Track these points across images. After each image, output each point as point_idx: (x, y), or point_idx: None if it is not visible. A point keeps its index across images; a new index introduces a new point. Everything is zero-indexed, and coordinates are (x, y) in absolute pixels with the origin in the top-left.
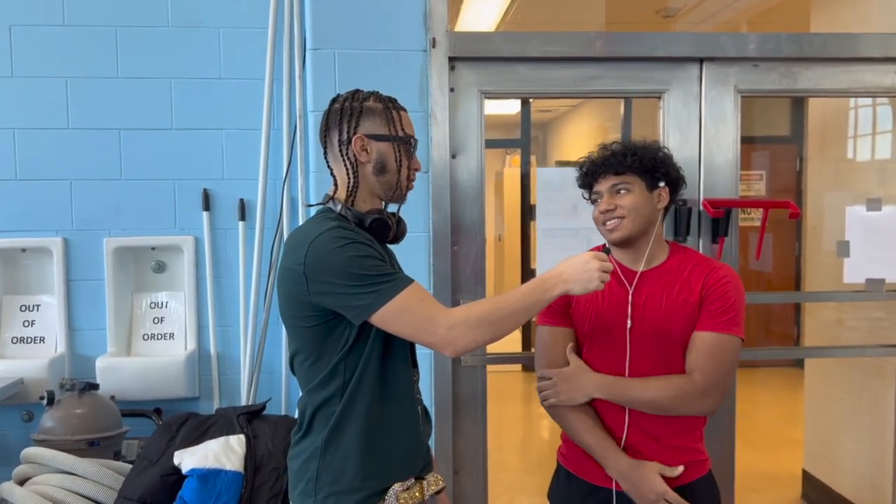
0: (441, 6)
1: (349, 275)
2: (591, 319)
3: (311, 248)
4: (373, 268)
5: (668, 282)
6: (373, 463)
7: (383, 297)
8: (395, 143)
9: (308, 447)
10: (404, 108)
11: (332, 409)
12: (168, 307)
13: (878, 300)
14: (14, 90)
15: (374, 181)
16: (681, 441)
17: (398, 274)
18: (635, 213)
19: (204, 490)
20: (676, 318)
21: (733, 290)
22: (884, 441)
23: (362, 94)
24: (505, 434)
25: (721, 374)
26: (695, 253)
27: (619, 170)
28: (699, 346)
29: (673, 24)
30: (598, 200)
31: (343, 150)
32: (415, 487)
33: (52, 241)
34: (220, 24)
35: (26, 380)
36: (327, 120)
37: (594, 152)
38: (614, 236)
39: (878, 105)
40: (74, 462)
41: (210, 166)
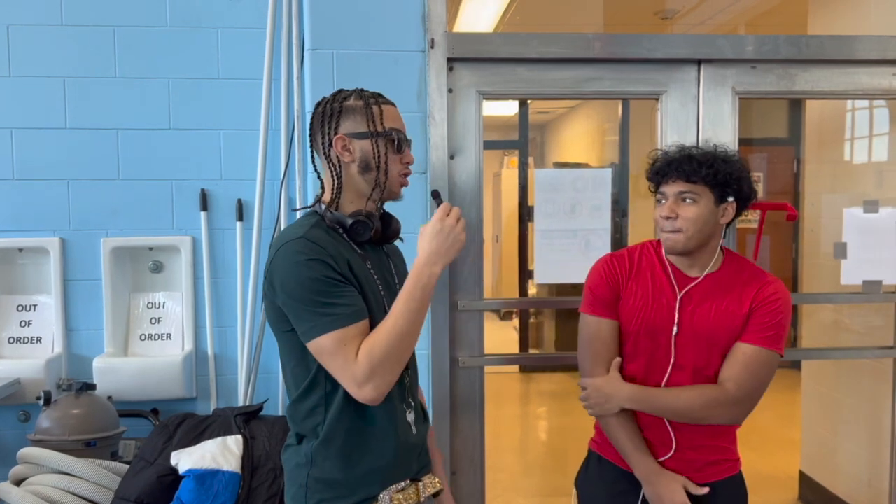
0: (439, 7)
1: (299, 296)
2: (638, 318)
3: (277, 256)
4: (321, 293)
5: (719, 291)
6: (363, 468)
7: (315, 331)
8: (376, 138)
9: (298, 454)
10: (390, 102)
11: (318, 419)
12: (165, 307)
13: (875, 302)
14: (12, 90)
15: (360, 180)
16: (714, 441)
17: (338, 308)
18: (696, 228)
19: (201, 491)
20: (723, 329)
21: (783, 306)
22: (880, 442)
23: (344, 93)
24: (503, 435)
25: (755, 386)
26: (748, 263)
27: (692, 178)
28: (739, 357)
29: (671, 26)
30: (662, 202)
31: (326, 152)
32: (409, 489)
33: (49, 240)
34: (219, 25)
35: (23, 380)
36: (312, 124)
37: (671, 149)
38: (670, 246)
39: (875, 107)
40: (71, 462)
41: (208, 166)
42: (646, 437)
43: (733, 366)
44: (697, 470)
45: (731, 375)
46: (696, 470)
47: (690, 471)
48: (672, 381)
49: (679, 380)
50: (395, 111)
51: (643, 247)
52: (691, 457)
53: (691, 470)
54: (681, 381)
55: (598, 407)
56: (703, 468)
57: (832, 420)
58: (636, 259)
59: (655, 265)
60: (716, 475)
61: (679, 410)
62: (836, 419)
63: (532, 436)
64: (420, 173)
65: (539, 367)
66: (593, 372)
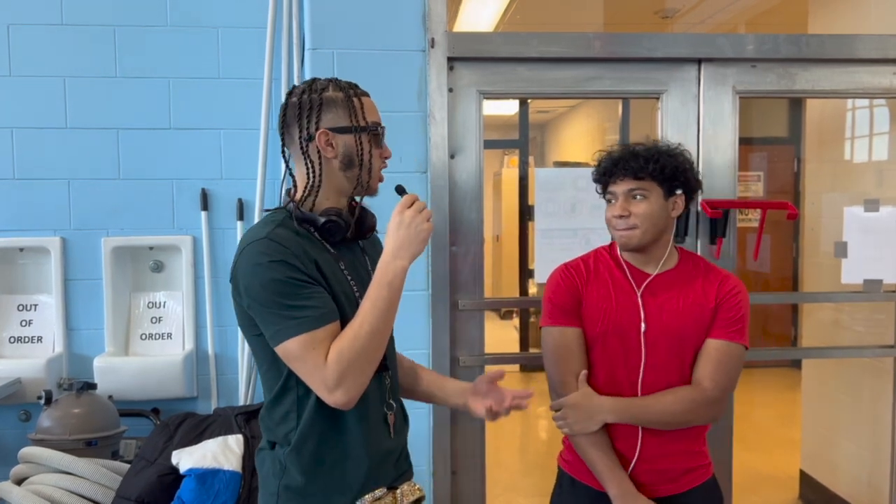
0: (440, 6)
1: (263, 299)
2: (603, 321)
3: (240, 258)
4: (286, 296)
5: (681, 287)
6: (336, 477)
7: (282, 335)
8: (359, 133)
9: (271, 462)
10: (366, 92)
11: (291, 425)
12: (166, 307)
13: (876, 301)
14: (12, 89)
15: (341, 177)
16: (687, 446)
17: (305, 312)
18: (649, 222)
19: (202, 490)
20: (692, 323)
21: (744, 300)
22: (881, 441)
23: (320, 83)
24: (503, 434)
25: (729, 381)
26: (702, 259)
27: (639, 175)
28: (711, 355)
29: (671, 25)
30: (612, 202)
31: (305, 147)
32: (386, 498)
33: (49, 240)
34: (219, 24)
35: (24, 379)
36: (285, 115)
37: (614, 149)
38: (626, 243)
39: (875, 106)
40: (72, 462)
41: (208, 166)
42: (616, 448)
43: (707, 364)
44: (672, 480)
45: (707, 374)
46: (671, 480)
47: (665, 481)
48: (646, 380)
49: (653, 380)
50: (372, 103)
51: (596, 253)
52: (665, 466)
53: (666, 480)
54: (655, 381)
55: (578, 425)
56: (679, 478)
57: (833, 419)
58: (591, 264)
59: (612, 266)
60: (691, 482)
61: (662, 417)
62: (836, 418)
63: (532, 435)
64: (420, 173)
65: (539, 366)
66: (565, 384)
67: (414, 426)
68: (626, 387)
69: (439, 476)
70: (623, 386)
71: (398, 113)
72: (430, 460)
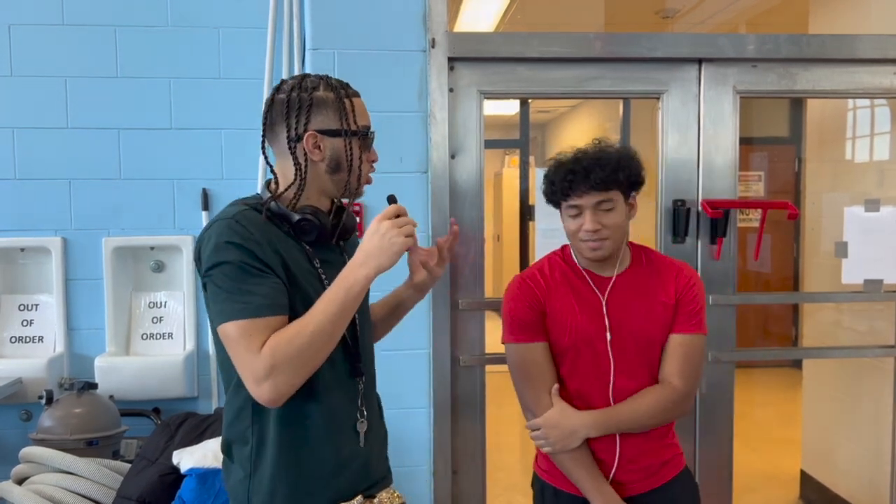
0: (440, 6)
1: (216, 278)
2: (571, 331)
3: (205, 234)
4: (236, 279)
5: (640, 286)
6: (304, 485)
7: (224, 316)
8: (349, 138)
9: (232, 469)
10: (357, 93)
11: (246, 423)
12: (167, 307)
13: (876, 301)
14: (13, 89)
15: (326, 179)
16: (661, 440)
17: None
18: (619, 232)
19: (203, 489)
20: (655, 322)
21: (700, 290)
22: (882, 441)
23: (311, 80)
24: (503, 434)
25: (697, 374)
26: (652, 251)
27: (608, 186)
28: (677, 350)
29: (672, 25)
30: (577, 216)
31: (292, 148)
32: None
33: (50, 240)
34: (220, 24)
35: (25, 379)
36: (271, 111)
37: (565, 157)
38: (597, 255)
39: (876, 106)
40: (73, 461)
41: (209, 166)
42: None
43: (674, 360)
44: (654, 474)
45: (675, 371)
46: (652, 474)
47: (647, 477)
48: (617, 386)
49: (623, 385)
50: (362, 104)
51: (550, 259)
52: (646, 463)
53: (648, 476)
54: (626, 385)
55: (560, 444)
56: (659, 470)
57: (833, 419)
58: (548, 273)
59: (569, 274)
60: (669, 473)
61: (641, 421)
62: (837, 418)
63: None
64: (421, 173)
65: None
66: (539, 402)
67: (414, 425)
68: (598, 396)
69: (440, 475)
70: (594, 395)
71: (399, 113)
72: (430, 459)
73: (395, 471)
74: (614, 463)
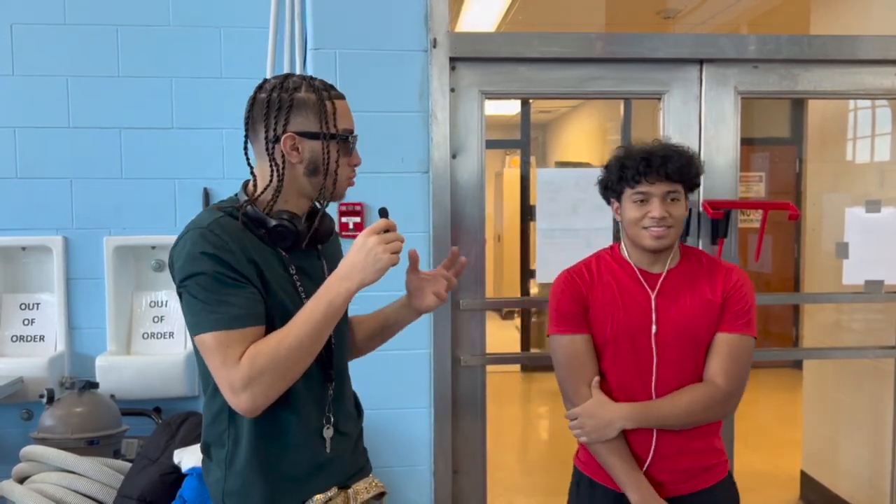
0: (442, 7)
1: (191, 288)
2: (612, 324)
3: (178, 243)
4: (212, 290)
5: (688, 284)
6: (276, 480)
7: (200, 327)
8: (328, 141)
9: (210, 468)
10: (341, 95)
11: (223, 426)
12: (168, 306)
13: (877, 302)
14: (15, 89)
15: (304, 182)
16: (704, 443)
17: (224, 308)
18: (680, 224)
19: (204, 489)
20: (702, 320)
21: (749, 291)
22: (882, 442)
23: (293, 81)
24: (504, 434)
25: (742, 374)
26: (702, 252)
27: (676, 178)
28: (723, 349)
29: (673, 26)
30: (644, 202)
31: (269, 149)
32: (338, 498)
33: (52, 239)
34: (221, 24)
35: (26, 378)
36: (252, 110)
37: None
38: (661, 244)
39: (877, 107)
40: (74, 460)
41: (210, 165)
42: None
43: (720, 359)
44: (692, 478)
45: (720, 369)
46: (691, 478)
47: (685, 479)
48: (660, 381)
49: (667, 380)
50: (346, 106)
51: (598, 256)
52: (684, 465)
53: (686, 478)
54: (667, 381)
55: (596, 433)
56: (698, 475)
57: (833, 420)
58: (594, 268)
59: (615, 269)
60: (710, 480)
61: (679, 419)
62: (837, 419)
63: (533, 435)
64: (422, 173)
65: (540, 366)
66: (578, 392)
67: (414, 425)
68: (639, 389)
69: (440, 475)
70: (635, 389)
71: (400, 113)
72: (431, 459)
73: (395, 470)
74: (648, 458)
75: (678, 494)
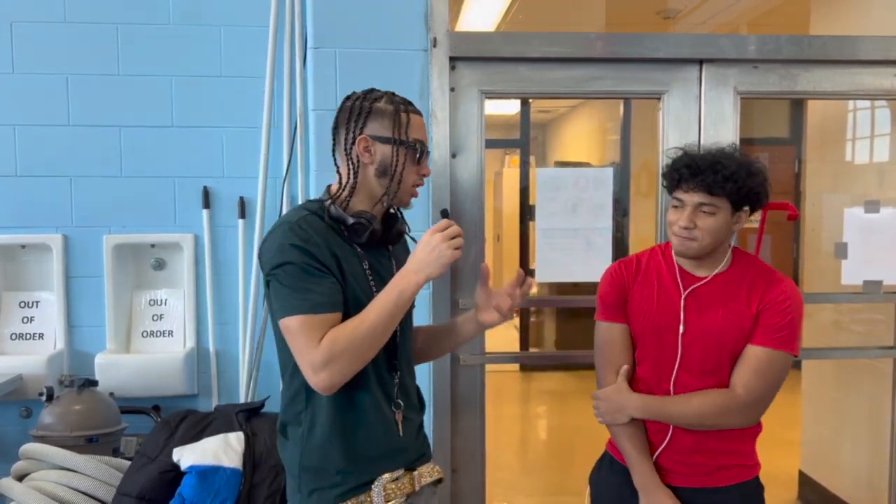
0: (442, 6)
1: (279, 276)
2: (644, 319)
3: (269, 236)
4: (298, 278)
5: (726, 291)
6: (351, 457)
7: (286, 311)
8: (398, 146)
9: (287, 445)
10: (419, 111)
11: (300, 406)
12: (167, 304)
13: (876, 302)
14: (15, 87)
15: (375, 183)
16: (731, 445)
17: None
18: (711, 237)
19: (203, 487)
20: (730, 329)
21: (793, 306)
22: (881, 442)
23: (376, 93)
24: (503, 433)
25: (766, 389)
26: (757, 261)
27: (714, 191)
28: (749, 361)
29: (673, 26)
30: (678, 208)
31: (347, 150)
32: (404, 478)
33: (51, 237)
34: (221, 22)
35: (25, 376)
36: (338, 116)
37: (693, 152)
38: (682, 251)
39: (876, 108)
40: (73, 458)
41: (210, 164)
42: (648, 437)
43: (744, 370)
44: (706, 474)
45: (742, 380)
46: (704, 474)
47: (698, 474)
48: (679, 382)
49: (686, 381)
50: (421, 121)
51: (652, 251)
52: (699, 461)
53: (700, 474)
54: (688, 383)
55: (608, 416)
56: (713, 472)
57: (832, 420)
58: (644, 263)
59: (662, 267)
60: (727, 480)
61: (689, 418)
62: (836, 419)
63: (532, 434)
64: None
65: (539, 365)
66: (605, 377)
67: None
68: (656, 384)
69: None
70: (654, 383)
71: None
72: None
73: None
74: (660, 447)
75: (688, 486)
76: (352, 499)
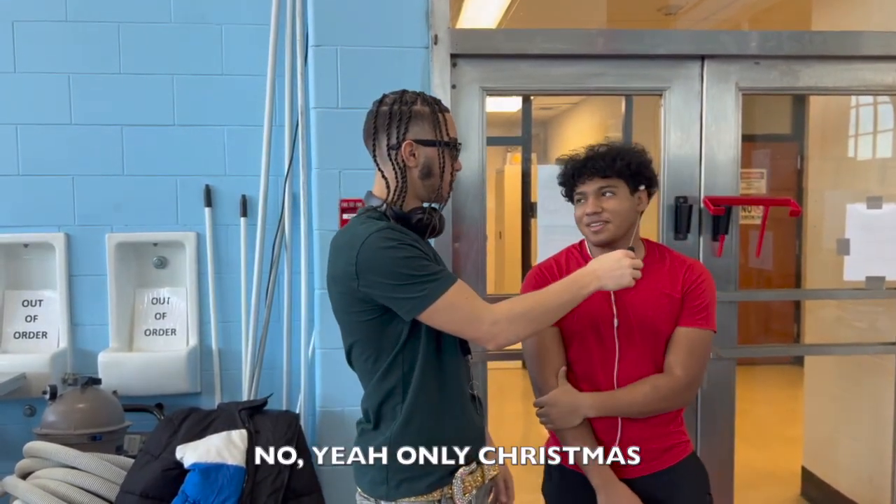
0: (443, 3)
1: (399, 275)
2: (577, 319)
3: (362, 249)
4: (421, 268)
5: (649, 279)
6: (441, 447)
7: (431, 296)
8: (443, 147)
9: (377, 438)
10: (448, 109)
11: (396, 402)
12: (170, 303)
13: (878, 298)
14: (17, 86)
15: (419, 185)
16: (665, 428)
17: (443, 272)
18: (620, 217)
19: (206, 484)
20: (662, 313)
21: (709, 287)
22: (883, 438)
23: (409, 96)
24: (505, 430)
25: (700, 367)
26: (668, 249)
27: (607, 173)
28: (682, 342)
29: (674, 22)
30: (581, 201)
31: (392, 155)
32: (477, 472)
33: (54, 236)
34: (223, 20)
35: (28, 374)
36: (375, 122)
37: (579, 152)
38: (599, 238)
39: (879, 103)
40: (76, 456)
41: (212, 162)
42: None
43: (678, 351)
44: (655, 458)
45: (678, 361)
46: (652, 459)
47: (647, 460)
48: (621, 372)
49: (628, 370)
50: (452, 119)
51: (568, 251)
52: (649, 447)
53: (648, 459)
54: (630, 372)
55: (560, 421)
56: (661, 456)
57: (834, 416)
58: (563, 263)
59: (581, 264)
60: (673, 459)
61: (639, 407)
62: (838, 415)
63: (534, 431)
64: None
65: None
66: (547, 383)
67: None
68: (603, 380)
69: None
70: (599, 379)
71: None
72: None
73: None
74: (614, 445)
75: (637, 475)
76: (437, 490)
